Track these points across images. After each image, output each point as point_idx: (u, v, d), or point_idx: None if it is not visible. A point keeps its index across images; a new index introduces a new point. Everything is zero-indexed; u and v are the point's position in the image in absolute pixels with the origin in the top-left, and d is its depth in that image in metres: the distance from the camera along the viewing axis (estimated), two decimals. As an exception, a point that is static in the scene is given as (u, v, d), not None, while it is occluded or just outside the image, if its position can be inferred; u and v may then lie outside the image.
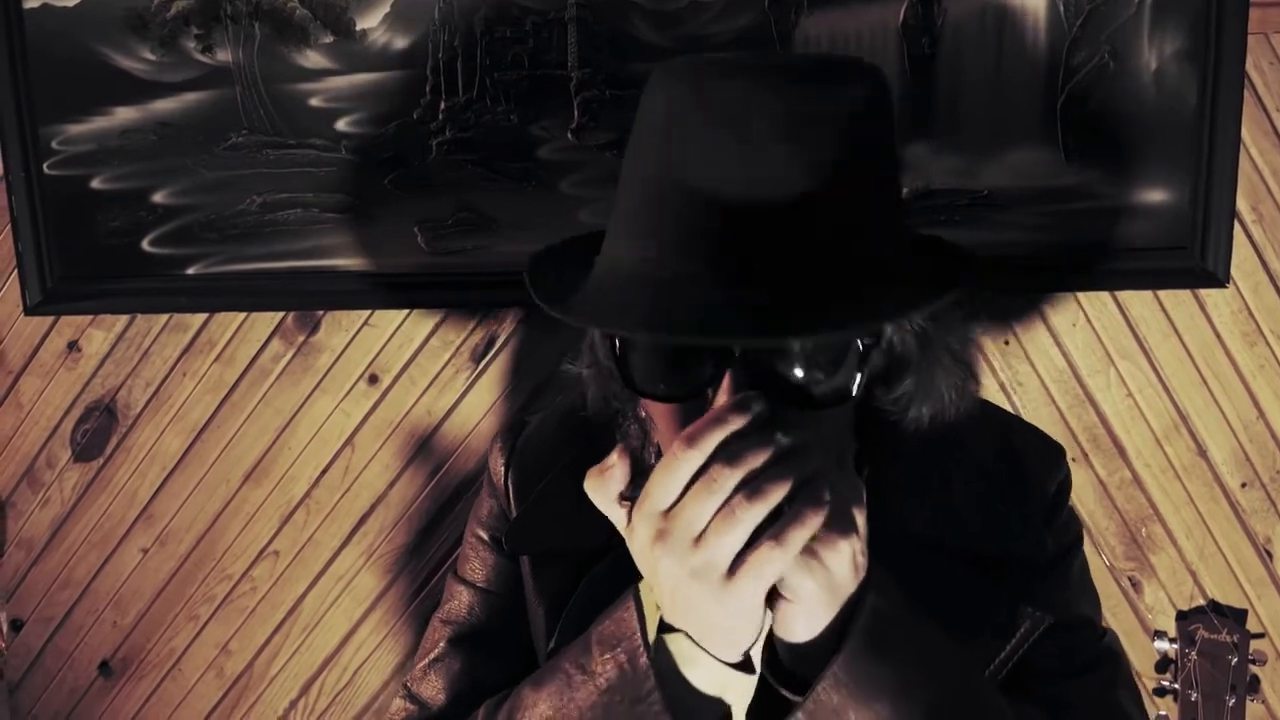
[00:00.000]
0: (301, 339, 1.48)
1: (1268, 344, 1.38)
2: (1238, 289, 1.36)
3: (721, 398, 0.68)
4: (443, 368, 1.47)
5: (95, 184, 1.42)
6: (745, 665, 0.70)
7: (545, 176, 1.37)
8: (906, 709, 0.67)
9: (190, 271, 1.44)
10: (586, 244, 0.80)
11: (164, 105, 1.39)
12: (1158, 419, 1.41)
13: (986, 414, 0.94)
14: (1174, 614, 1.45)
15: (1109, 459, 1.43)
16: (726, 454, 0.63)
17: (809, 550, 0.64)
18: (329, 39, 1.35)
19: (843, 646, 0.66)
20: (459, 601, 0.98)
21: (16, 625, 1.60)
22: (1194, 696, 1.34)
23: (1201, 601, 1.45)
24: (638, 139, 0.74)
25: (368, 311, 1.46)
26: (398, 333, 1.46)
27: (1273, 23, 1.27)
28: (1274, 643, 1.45)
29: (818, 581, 0.65)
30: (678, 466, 0.63)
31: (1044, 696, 0.82)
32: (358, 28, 1.35)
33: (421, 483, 1.51)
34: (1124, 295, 1.38)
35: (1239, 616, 1.43)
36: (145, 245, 1.43)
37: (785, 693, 0.69)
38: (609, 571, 0.85)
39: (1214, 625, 1.37)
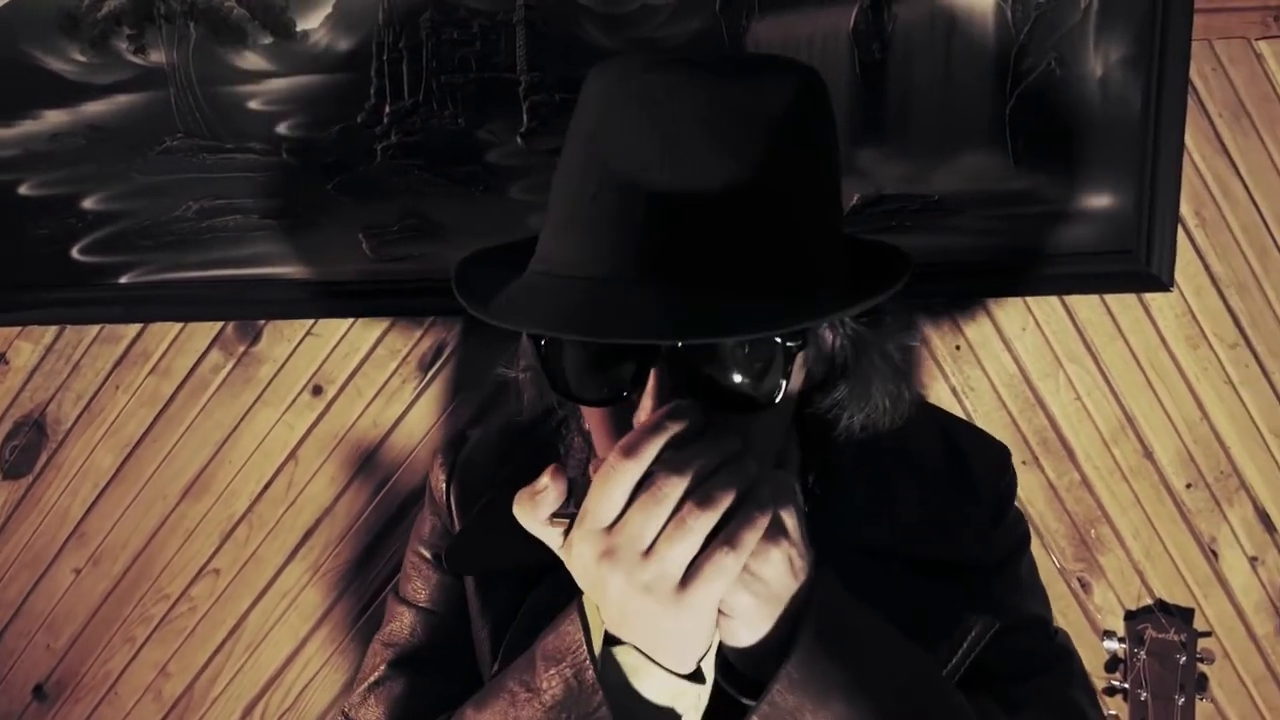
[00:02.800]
0: (242, 349, 1.43)
1: (1210, 347, 1.40)
2: (1181, 293, 1.38)
3: (647, 400, 0.67)
4: (389, 378, 1.44)
5: (23, 190, 1.36)
6: (696, 674, 0.69)
7: (494, 181, 1.35)
8: (863, 705, 0.66)
9: (123, 280, 1.38)
10: (522, 248, 0.78)
11: (95, 108, 1.34)
12: (1105, 421, 1.43)
13: (929, 416, 0.93)
14: (1123, 614, 1.47)
15: (1058, 461, 1.44)
16: (670, 463, 0.61)
17: None
18: (268, 40, 1.31)
19: (794, 647, 0.65)
20: (400, 623, 0.94)
21: (-59, 651, 1.54)
22: (1143, 696, 1.36)
23: (1149, 601, 1.47)
24: (570, 135, 0.73)
25: (311, 321, 1.42)
26: (342, 342, 1.43)
27: (1216, 29, 1.29)
28: (1221, 641, 1.47)
29: (753, 593, 0.65)
30: (617, 479, 0.61)
31: (1000, 698, 0.82)
32: (298, 28, 1.31)
33: (368, 496, 1.47)
34: (1072, 299, 1.39)
35: (1186, 615, 1.45)
36: (75, 253, 1.38)
37: (740, 697, 0.68)
38: (551, 593, 0.83)
39: (1162, 624, 1.38)
